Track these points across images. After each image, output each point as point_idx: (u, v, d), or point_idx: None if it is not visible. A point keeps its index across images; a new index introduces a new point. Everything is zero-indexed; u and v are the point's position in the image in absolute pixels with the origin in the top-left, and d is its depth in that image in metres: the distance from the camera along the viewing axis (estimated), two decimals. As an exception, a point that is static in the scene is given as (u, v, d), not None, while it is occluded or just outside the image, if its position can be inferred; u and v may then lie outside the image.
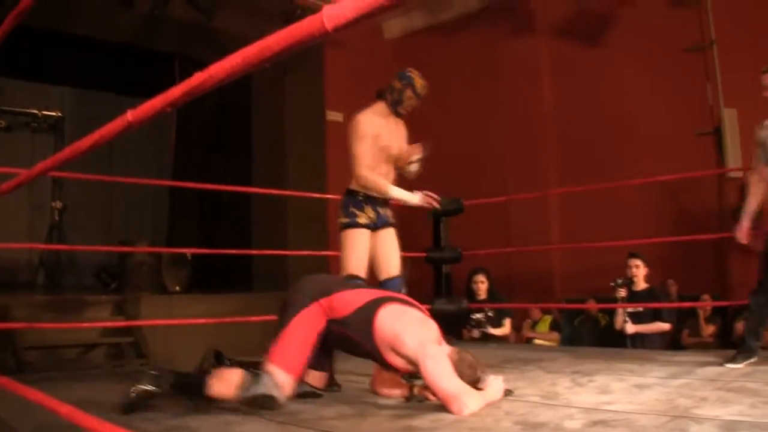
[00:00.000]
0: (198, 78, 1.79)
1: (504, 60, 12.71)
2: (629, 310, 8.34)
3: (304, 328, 4.09)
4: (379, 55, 13.89)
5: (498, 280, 10.36)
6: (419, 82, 5.83)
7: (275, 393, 3.91)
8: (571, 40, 11.97)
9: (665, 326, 8.33)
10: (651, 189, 10.35)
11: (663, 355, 6.59)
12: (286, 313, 4.18)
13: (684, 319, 9.65)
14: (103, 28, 11.20)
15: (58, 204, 13.58)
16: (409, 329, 4.15)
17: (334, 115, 13.60)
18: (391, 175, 5.87)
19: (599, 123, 11.61)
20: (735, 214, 10.18)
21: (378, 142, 5.72)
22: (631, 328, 8.25)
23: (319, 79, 13.16)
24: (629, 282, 8.53)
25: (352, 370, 5.44)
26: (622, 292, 8.43)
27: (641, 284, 8.52)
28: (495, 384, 4.19)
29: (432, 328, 4.34)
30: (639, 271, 8.52)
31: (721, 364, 5.60)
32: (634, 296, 8.45)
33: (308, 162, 12.74)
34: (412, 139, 6.01)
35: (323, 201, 11.78)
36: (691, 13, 11.11)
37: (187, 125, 13.47)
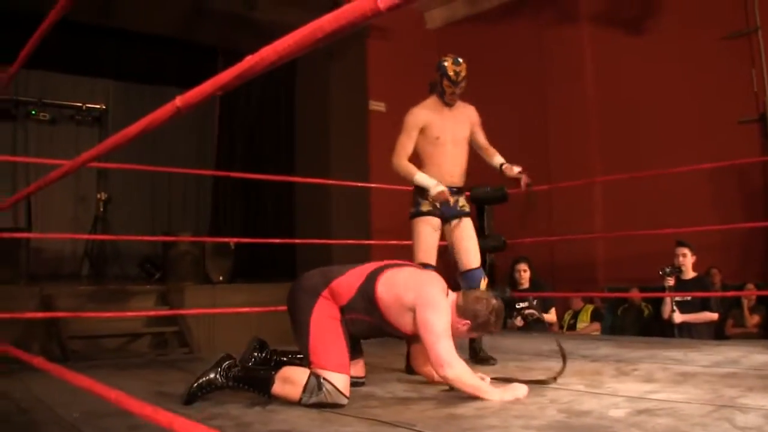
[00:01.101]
0: (249, 61, 1.78)
1: (547, 48, 12.65)
2: (677, 299, 8.28)
3: (327, 323, 4.08)
4: (422, 45, 13.88)
5: (540, 269, 10.34)
6: (452, 69, 5.78)
7: (339, 400, 3.92)
8: (614, 28, 11.89)
9: (713, 316, 8.27)
10: (695, 177, 10.27)
11: (707, 345, 6.54)
12: (299, 315, 4.17)
13: (728, 309, 9.56)
14: (146, 22, 11.26)
15: (103, 195, 13.68)
16: (406, 285, 4.15)
17: (376, 105, 13.60)
18: (455, 163, 5.91)
19: (642, 111, 11.52)
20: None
21: (428, 133, 5.82)
22: (678, 317, 8.20)
23: (362, 68, 13.16)
24: (677, 270, 8.46)
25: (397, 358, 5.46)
26: (670, 281, 8.37)
27: (689, 273, 8.48)
28: (517, 388, 4.07)
29: (432, 277, 4.34)
30: (687, 260, 8.46)
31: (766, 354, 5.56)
32: (681, 285, 8.38)
33: (351, 151, 12.75)
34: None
35: (366, 190, 11.80)
36: (736, -1, 11.02)
37: (230, 115, 13.53)
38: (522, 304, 9.16)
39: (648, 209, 11.00)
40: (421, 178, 5.75)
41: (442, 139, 5.82)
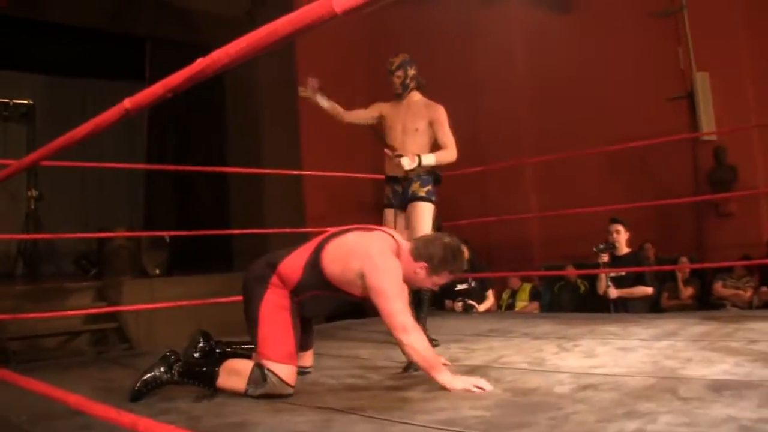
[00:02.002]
0: (200, 64, 1.78)
1: (476, 28, 12.68)
2: (612, 274, 8.40)
3: (275, 313, 4.04)
4: (350, 28, 13.84)
5: (477, 250, 10.43)
6: (388, 62, 6.42)
7: (284, 390, 3.91)
8: (542, 6, 11.96)
9: (648, 290, 8.40)
10: (625, 155, 10.39)
11: (645, 318, 6.66)
12: (249, 305, 4.14)
13: (662, 282, 9.72)
14: (73, 14, 11.16)
15: (33, 192, 13.51)
16: (351, 250, 4.08)
17: (306, 91, 13.57)
18: (404, 147, 6.20)
19: (573, 89, 11.62)
20: (710, 178, 10.32)
21: (383, 123, 6.46)
22: (614, 292, 8.32)
23: (291, 54, 13.11)
24: (611, 247, 8.58)
25: (341, 345, 5.47)
26: (605, 257, 8.49)
27: (623, 249, 8.63)
28: (470, 379, 3.97)
29: (377, 236, 4.26)
30: (621, 236, 8.60)
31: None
32: (616, 261, 8.52)
33: (283, 139, 12.73)
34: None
35: (298, 178, 11.79)
36: (661, -23, 11.15)
37: (160, 105, 13.42)
38: (461, 286, 9.24)
39: (581, 187, 11.14)
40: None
41: (391, 128, 6.34)
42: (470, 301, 9.38)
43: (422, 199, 6.10)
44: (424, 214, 6.08)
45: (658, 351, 4.61)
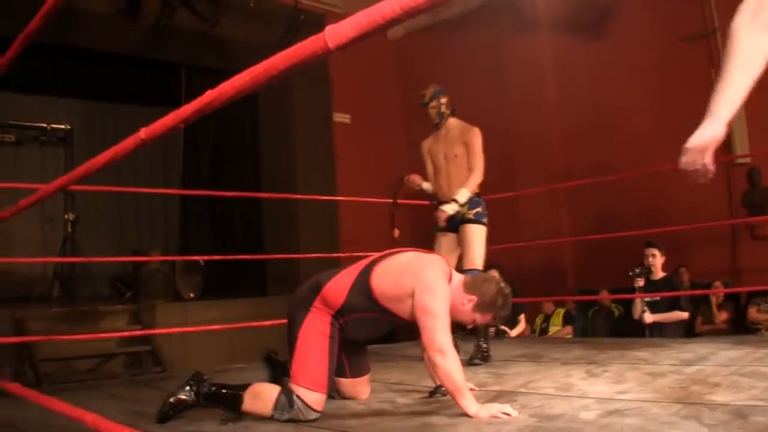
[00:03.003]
0: (208, 96, 1.85)
1: (507, 55, 12.71)
2: (647, 299, 8.34)
3: (314, 339, 4.03)
4: (384, 55, 13.94)
5: (509, 275, 10.42)
6: (419, 95, 6.66)
7: (309, 416, 3.91)
8: (573, 33, 11.97)
9: (683, 315, 8.31)
10: (659, 178, 10.36)
11: (676, 343, 6.60)
12: (291, 329, 4.14)
13: (697, 307, 9.66)
14: (108, 41, 11.28)
15: (71, 216, 13.64)
16: (405, 269, 4.11)
17: (341, 117, 13.66)
18: (449, 174, 6.59)
19: (604, 114, 11.60)
20: (744, 201, 10.25)
21: (430, 156, 6.80)
22: (649, 317, 8.25)
23: (325, 80, 13.20)
24: (647, 271, 8.52)
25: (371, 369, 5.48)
26: (640, 282, 8.42)
27: (659, 273, 8.53)
28: (495, 406, 3.87)
29: (433, 260, 4.26)
30: (656, 260, 8.50)
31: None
32: (651, 285, 8.43)
33: (317, 164, 12.80)
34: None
35: (333, 203, 11.84)
36: (693, 1, 11.11)
37: (195, 131, 13.52)
38: (493, 325, 9.24)
39: (615, 211, 11.11)
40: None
41: (436, 159, 6.70)
42: (502, 326, 9.37)
43: (472, 221, 6.31)
44: (476, 237, 6.29)
45: (687, 376, 4.58)
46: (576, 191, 11.53)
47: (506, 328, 9.49)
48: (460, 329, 6.13)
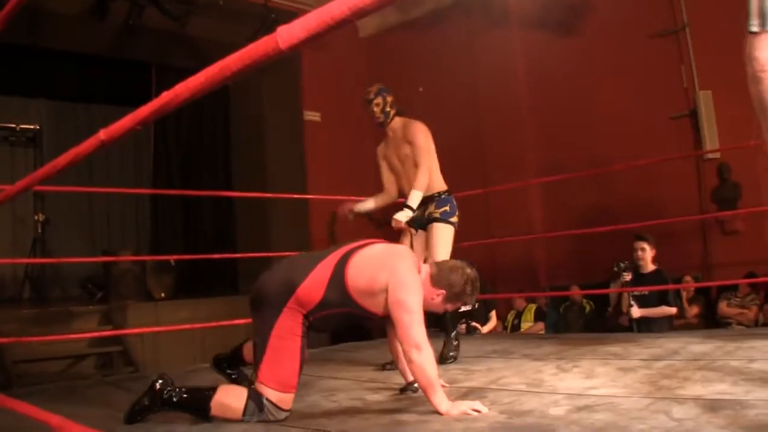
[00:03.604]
0: (164, 97, 1.85)
1: (478, 52, 12.74)
2: (635, 293, 8.28)
3: (287, 341, 3.95)
4: (355, 53, 13.94)
5: (481, 272, 10.43)
6: (365, 92, 6.35)
7: (279, 416, 3.88)
8: (544, 29, 12.00)
9: (671, 310, 8.19)
10: (629, 174, 10.41)
11: (647, 338, 6.62)
12: (261, 328, 4.03)
13: (667, 303, 9.70)
14: (77, 41, 11.23)
15: (41, 216, 13.56)
16: (378, 264, 4.05)
17: (311, 115, 13.65)
18: (407, 175, 6.32)
19: (576, 110, 11.67)
20: (714, 196, 10.31)
21: (385, 162, 6.54)
22: (636, 311, 8.14)
23: (296, 78, 13.18)
24: (632, 265, 8.45)
25: (342, 367, 5.47)
26: (627, 276, 8.36)
27: (648, 266, 8.41)
28: (466, 403, 3.84)
29: (403, 252, 4.25)
30: (646, 254, 8.37)
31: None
32: (641, 279, 8.35)
33: (288, 162, 12.78)
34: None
35: (304, 201, 11.82)
36: (662, -3, 11.20)
37: (165, 130, 13.48)
38: (465, 307, 9.22)
39: (585, 207, 11.14)
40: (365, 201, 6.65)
41: (392, 163, 6.42)
42: (473, 323, 9.38)
43: (439, 220, 6.13)
44: (441, 237, 6.10)
45: (657, 371, 4.59)
46: (547, 187, 11.58)
47: (477, 325, 9.50)
48: (430, 326, 6.10)
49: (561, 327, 10.74)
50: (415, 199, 6.03)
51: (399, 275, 3.97)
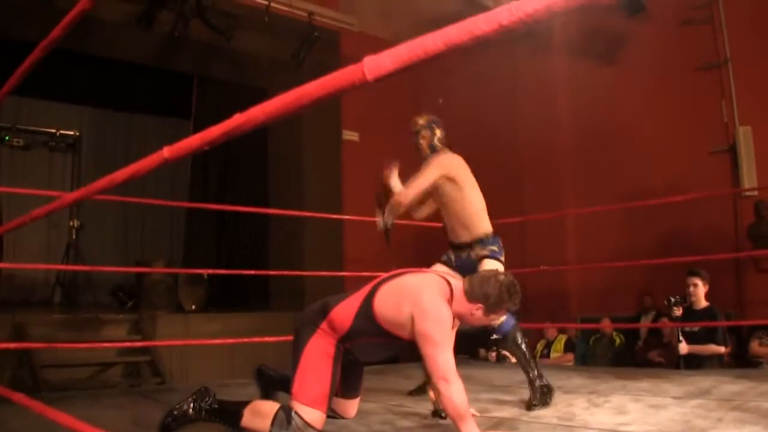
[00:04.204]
0: (237, 120, 1.82)
1: (521, 78, 12.73)
2: (686, 329, 8.11)
3: (317, 359, 3.98)
4: (396, 73, 13.93)
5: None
6: (411, 122, 6.01)
7: (306, 429, 3.87)
8: (587, 59, 11.98)
9: (720, 349, 7.96)
10: (666, 208, 10.35)
11: (678, 375, 6.58)
12: (296, 347, 4.08)
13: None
14: (122, 49, 11.31)
15: (75, 223, 13.64)
16: (403, 294, 4.00)
17: (350, 135, 13.66)
18: (445, 218, 5.93)
19: (615, 141, 11.60)
20: (750, 233, 10.22)
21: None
22: (684, 348, 8.00)
23: (336, 98, 13.18)
24: (684, 300, 8.27)
25: (373, 390, 5.46)
26: (677, 311, 8.21)
27: (701, 303, 8.06)
28: None
29: (429, 280, 4.15)
30: (698, 290, 8.09)
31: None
32: (692, 315, 8.18)
33: (324, 181, 12.80)
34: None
35: (339, 221, 11.82)
36: (705, 31, 11.12)
37: (203, 145, 13.53)
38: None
39: (620, 240, 11.09)
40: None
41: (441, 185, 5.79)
42: (504, 351, 9.33)
43: (488, 256, 5.72)
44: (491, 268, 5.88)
45: (689, 410, 4.56)
46: (584, 217, 11.53)
47: (507, 354, 9.45)
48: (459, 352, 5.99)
49: (589, 359, 10.68)
50: (393, 215, 5.82)
51: (422, 305, 3.92)
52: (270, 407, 3.97)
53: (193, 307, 10.97)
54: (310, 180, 12.82)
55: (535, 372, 5.34)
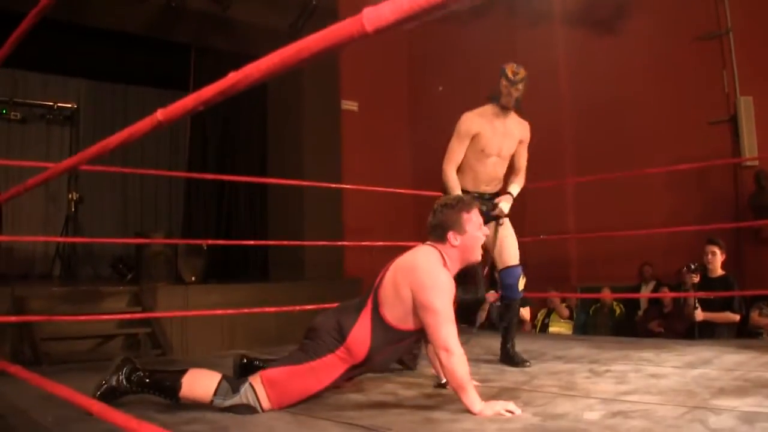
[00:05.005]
0: (232, 78, 1.77)
1: (520, 48, 12.65)
2: (701, 297, 8.09)
3: (315, 377, 3.91)
4: (394, 44, 13.87)
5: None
6: (511, 68, 6.03)
7: (255, 405, 3.85)
8: (587, 29, 11.91)
9: (735, 317, 8.01)
10: (666, 177, 10.34)
11: (679, 345, 6.56)
12: (310, 347, 3.98)
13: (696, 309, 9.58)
14: (119, 20, 11.25)
15: (74, 195, 13.60)
16: (400, 284, 3.96)
17: (349, 105, 13.62)
18: (494, 174, 6.11)
19: (615, 111, 11.56)
20: (751, 203, 10.20)
21: (475, 144, 5.92)
22: (700, 314, 7.95)
23: (334, 68, 13.16)
24: (702, 268, 8.27)
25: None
26: (695, 278, 8.17)
27: (717, 271, 8.19)
28: (500, 404, 3.77)
29: (419, 253, 4.18)
30: (716, 258, 8.14)
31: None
32: (708, 283, 8.14)
33: (323, 151, 12.78)
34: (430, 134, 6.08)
35: (338, 191, 11.79)
36: (707, 1, 11.06)
37: (202, 116, 13.49)
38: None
39: (620, 209, 11.06)
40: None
41: (487, 152, 5.96)
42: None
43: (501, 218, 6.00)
44: (513, 233, 6.11)
45: (691, 379, 4.55)
46: (584, 187, 11.51)
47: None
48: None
49: (590, 329, 10.69)
50: (516, 190, 6.17)
51: (418, 279, 3.93)
52: (211, 376, 3.92)
53: (193, 278, 10.95)
54: (310, 150, 12.80)
55: (513, 342, 5.80)
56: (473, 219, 4.23)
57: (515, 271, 5.88)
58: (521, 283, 5.91)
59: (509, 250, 5.87)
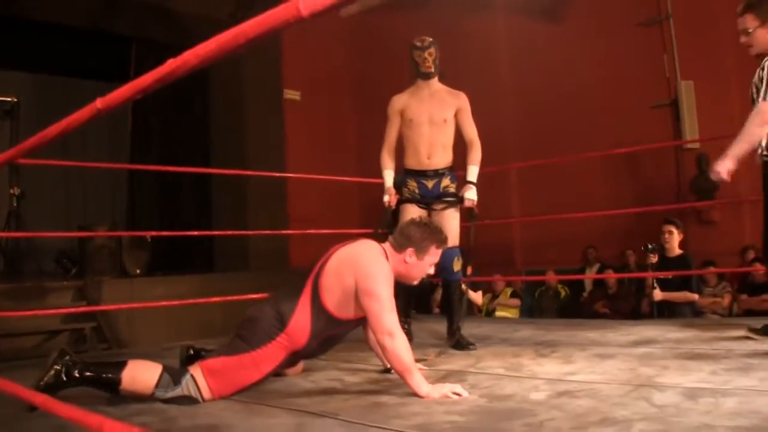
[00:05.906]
0: (170, 65, 1.77)
1: (463, 36, 12.68)
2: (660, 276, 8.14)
3: (256, 368, 3.93)
4: (336, 33, 13.85)
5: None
6: (416, 39, 6.31)
7: (195, 402, 3.82)
8: (529, 15, 11.97)
9: (693, 296, 8.10)
10: (609, 161, 10.44)
11: (624, 325, 6.64)
12: (239, 343, 3.98)
13: (643, 290, 9.67)
14: (59, 12, 11.14)
15: (16, 190, 13.40)
16: (343, 272, 4.01)
17: (291, 94, 13.58)
18: (433, 144, 6.14)
19: (557, 97, 11.65)
20: (693, 186, 10.32)
21: (404, 116, 6.12)
22: (658, 294, 7.99)
23: (276, 57, 13.11)
24: (660, 248, 8.34)
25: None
26: (653, 258, 8.21)
27: (675, 251, 8.26)
28: (447, 386, 3.81)
29: (361, 245, 4.25)
30: (672, 237, 8.21)
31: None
32: (666, 263, 8.19)
33: (267, 141, 12.74)
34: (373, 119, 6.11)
35: (282, 180, 11.76)
36: (648, -13, 11.20)
37: (144, 105, 13.38)
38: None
39: (564, 193, 11.15)
40: (385, 178, 6.18)
41: (417, 121, 6.06)
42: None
43: (454, 196, 6.20)
44: (457, 217, 6.27)
45: (635, 358, 4.60)
46: (527, 171, 11.57)
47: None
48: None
49: (536, 311, 10.77)
50: (474, 175, 6.34)
51: (362, 268, 3.99)
52: (152, 368, 3.88)
53: (138, 271, 10.87)
54: (253, 140, 12.77)
55: (459, 326, 5.87)
56: (435, 256, 4.33)
57: (451, 252, 5.92)
58: (457, 265, 6.01)
59: (448, 233, 5.89)
